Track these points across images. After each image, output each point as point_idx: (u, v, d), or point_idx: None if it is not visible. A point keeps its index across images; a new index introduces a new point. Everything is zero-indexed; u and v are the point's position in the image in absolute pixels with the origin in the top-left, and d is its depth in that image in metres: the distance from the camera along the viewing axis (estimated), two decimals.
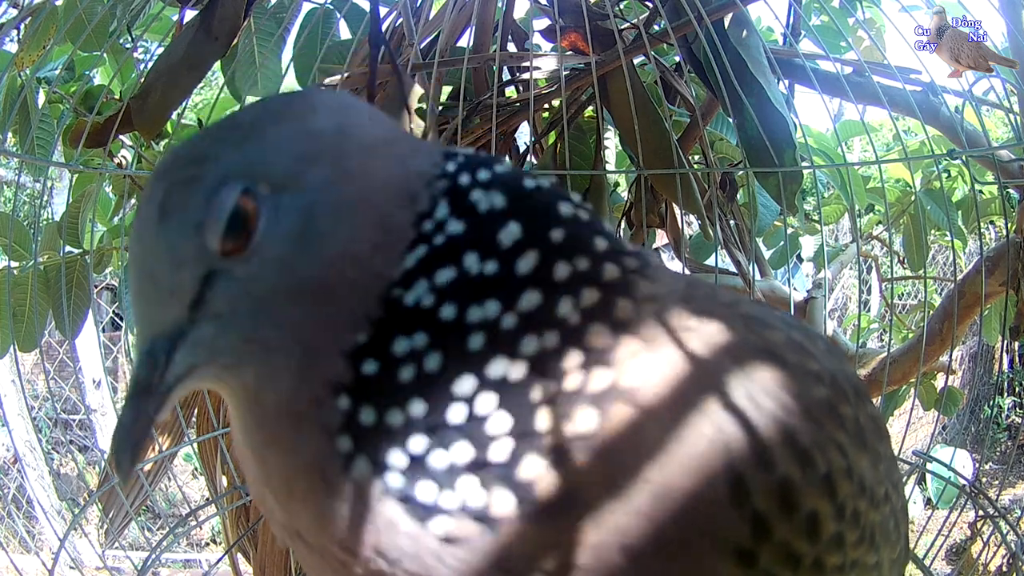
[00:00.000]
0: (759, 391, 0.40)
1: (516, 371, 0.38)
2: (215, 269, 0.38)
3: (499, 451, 0.37)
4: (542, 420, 0.38)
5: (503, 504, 0.37)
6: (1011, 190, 1.39)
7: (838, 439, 0.42)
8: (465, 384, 0.38)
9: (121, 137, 1.47)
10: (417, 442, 0.38)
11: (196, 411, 1.42)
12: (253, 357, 0.39)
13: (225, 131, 0.41)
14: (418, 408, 0.38)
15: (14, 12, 1.50)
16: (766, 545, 0.39)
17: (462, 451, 0.38)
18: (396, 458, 0.38)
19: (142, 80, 1.08)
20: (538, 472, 0.37)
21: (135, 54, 1.61)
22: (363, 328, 0.39)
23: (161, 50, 1.14)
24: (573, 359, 0.39)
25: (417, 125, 0.81)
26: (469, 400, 0.38)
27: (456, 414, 0.38)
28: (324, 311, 0.39)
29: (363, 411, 0.38)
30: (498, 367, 0.38)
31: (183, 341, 0.39)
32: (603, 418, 0.38)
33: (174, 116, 1.20)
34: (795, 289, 1.88)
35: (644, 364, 0.40)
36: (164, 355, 0.38)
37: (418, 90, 0.84)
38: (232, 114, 0.43)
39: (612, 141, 1.61)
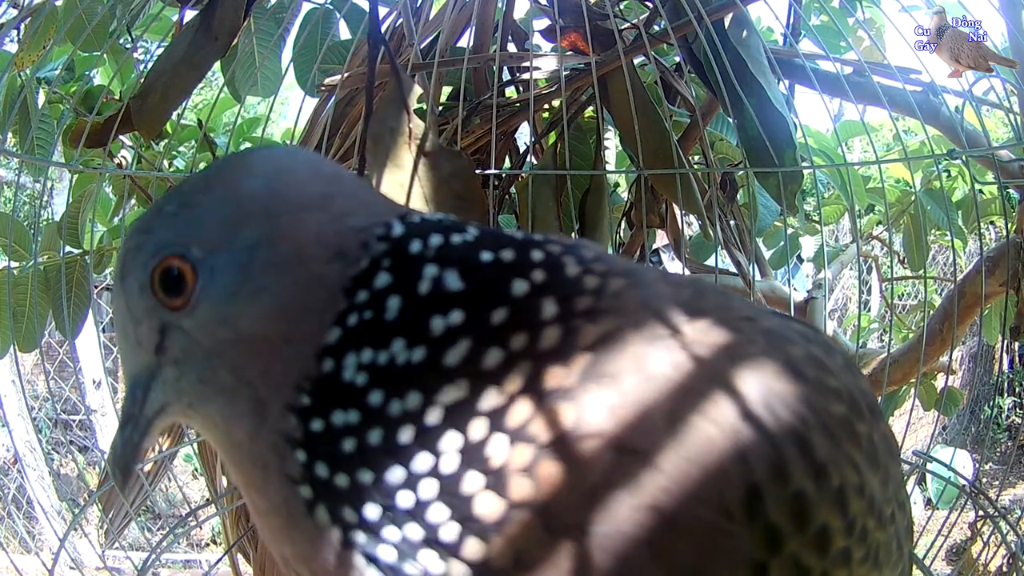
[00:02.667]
0: (779, 405, 0.40)
1: (447, 463, 0.38)
2: (167, 322, 0.42)
3: (447, 533, 0.38)
4: (479, 506, 0.38)
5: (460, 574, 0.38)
6: (1011, 190, 1.39)
7: (853, 456, 0.42)
8: (398, 474, 0.38)
9: (121, 137, 1.47)
10: (371, 510, 0.39)
11: None
12: (215, 397, 0.42)
13: (168, 201, 0.44)
14: (366, 477, 0.39)
15: (14, 12, 1.50)
16: (777, 557, 0.39)
17: (413, 531, 0.38)
18: (350, 516, 0.39)
19: (142, 80, 1.08)
20: (481, 551, 0.37)
21: (135, 54, 1.61)
22: (305, 388, 0.40)
23: (161, 50, 1.14)
24: (498, 441, 0.38)
25: (416, 125, 0.81)
26: (412, 487, 0.38)
27: (404, 499, 0.38)
28: (267, 364, 0.40)
29: (317, 465, 0.40)
30: (424, 462, 0.38)
31: (155, 382, 0.43)
32: (565, 464, 0.37)
33: (174, 116, 1.19)
34: (795, 289, 1.88)
35: (626, 392, 0.39)
36: (141, 392, 0.43)
37: (418, 90, 0.84)
38: (181, 181, 0.46)
39: (612, 141, 1.61)
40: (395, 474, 0.38)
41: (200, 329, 0.41)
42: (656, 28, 1.24)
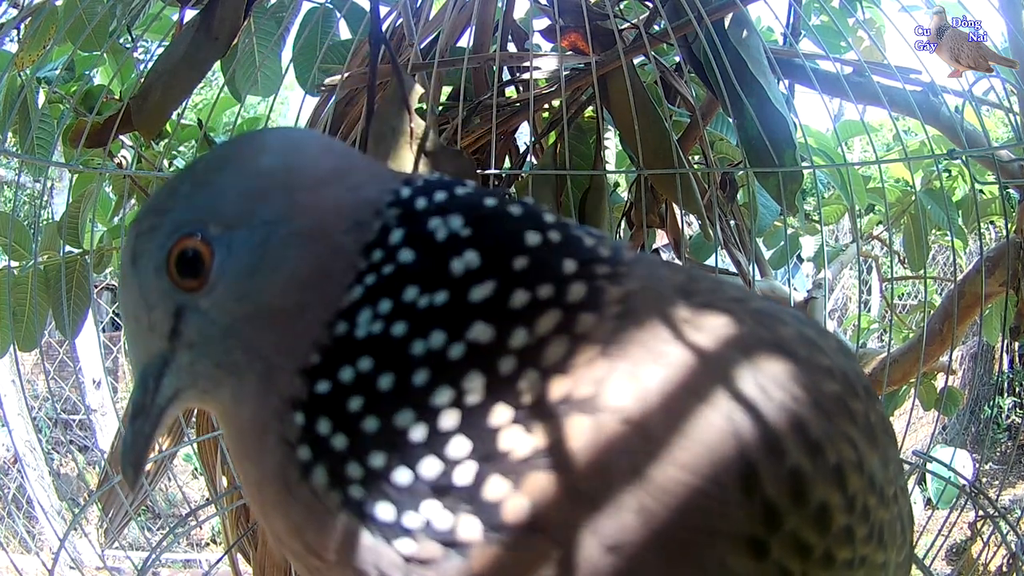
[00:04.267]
0: (769, 382, 0.40)
1: (472, 398, 0.38)
2: (183, 304, 0.42)
3: (463, 474, 0.37)
4: (505, 441, 0.38)
5: (469, 529, 0.37)
6: (1011, 190, 1.39)
7: (849, 433, 0.42)
8: (407, 417, 0.38)
9: (121, 137, 1.47)
10: (376, 458, 0.38)
11: (196, 411, 1.42)
12: (226, 379, 0.42)
13: (181, 181, 0.44)
14: (371, 425, 0.38)
15: (14, 12, 1.50)
16: (777, 535, 0.39)
17: (427, 468, 0.38)
18: (352, 471, 0.39)
19: (142, 80, 1.08)
20: (503, 493, 0.37)
21: (135, 54, 1.61)
22: (316, 351, 0.40)
23: (161, 50, 1.14)
24: (530, 378, 0.39)
25: (417, 125, 0.81)
26: (429, 422, 0.38)
27: (417, 433, 0.38)
28: (281, 333, 0.41)
29: (319, 422, 0.39)
30: (444, 396, 0.38)
31: (168, 369, 0.43)
32: (573, 430, 0.38)
33: (174, 116, 1.19)
34: (795, 289, 1.88)
35: (630, 370, 0.40)
36: (153, 381, 0.43)
37: (418, 90, 0.84)
38: (192, 161, 0.46)
39: (612, 141, 1.61)
40: (405, 417, 0.38)
41: (218, 308, 0.41)
42: (656, 28, 1.24)
